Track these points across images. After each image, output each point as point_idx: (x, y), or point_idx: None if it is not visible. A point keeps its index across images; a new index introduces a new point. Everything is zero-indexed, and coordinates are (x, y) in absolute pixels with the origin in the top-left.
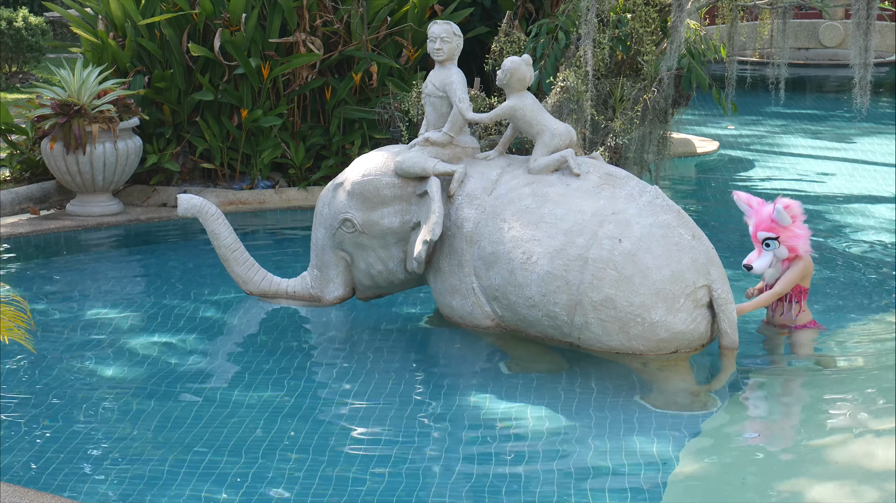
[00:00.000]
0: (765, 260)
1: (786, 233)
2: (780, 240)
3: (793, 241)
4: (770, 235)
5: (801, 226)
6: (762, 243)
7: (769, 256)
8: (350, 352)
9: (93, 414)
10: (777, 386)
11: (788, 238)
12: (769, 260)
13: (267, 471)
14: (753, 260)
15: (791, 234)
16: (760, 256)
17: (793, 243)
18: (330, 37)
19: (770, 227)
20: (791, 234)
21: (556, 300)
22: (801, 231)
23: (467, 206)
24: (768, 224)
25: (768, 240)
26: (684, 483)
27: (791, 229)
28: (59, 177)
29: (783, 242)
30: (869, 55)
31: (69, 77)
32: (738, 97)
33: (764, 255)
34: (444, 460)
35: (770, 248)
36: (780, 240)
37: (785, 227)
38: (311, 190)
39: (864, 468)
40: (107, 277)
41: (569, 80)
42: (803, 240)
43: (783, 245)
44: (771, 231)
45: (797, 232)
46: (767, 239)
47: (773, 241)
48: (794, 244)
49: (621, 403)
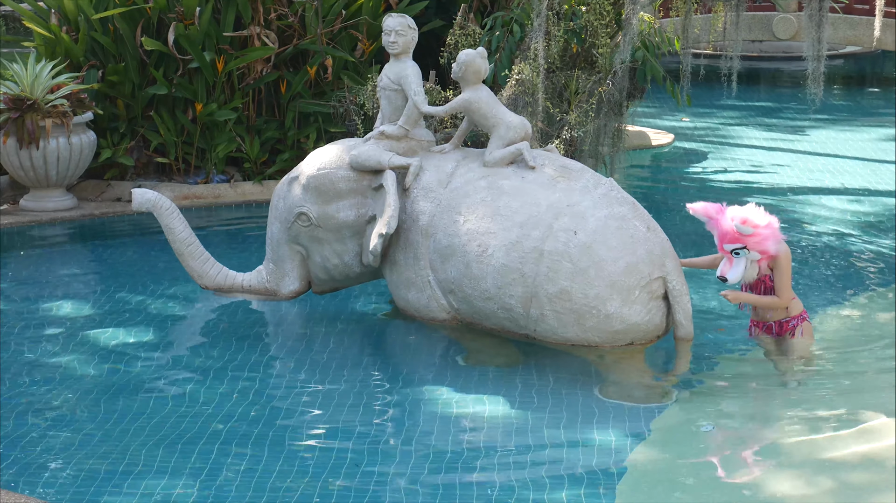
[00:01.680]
0: (738, 269)
1: (751, 239)
2: (748, 246)
3: (761, 244)
4: (737, 246)
5: (764, 225)
6: (731, 253)
7: (742, 263)
8: (307, 345)
9: (47, 409)
10: (733, 376)
11: (756, 244)
12: (742, 267)
13: (224, 464)
14: (727, 271)
15: (757, 239)
16: (733, 266)
17: (762, 247)
18: (285, 30)
19: (734, 238)
20: (757, 239)
21: (511, 293)
22: (766, 231)
23: (423, 199)
24: (732, 236)
25: (736, 250)
26: (640, 474)
27: (756, 233)
28: (13, 172)
29: (752, 248)
30: (822, 47)
31: (22, 72)
32: (693, 90)
33: (736, 264)
34: (400, 453)
35: (741, 256)
36: (748, 246)
37: (750, 235)
38: (266, 184)
39: (819, 458)
40: (61, 273)
41: (524, 73)
42: (771, 239)
43: (752, 250)
44: (736, 242)
45: (762, 233)
46: (735, 249)
47: (742, 250)
48: (763, 247)
49: (577, 395)
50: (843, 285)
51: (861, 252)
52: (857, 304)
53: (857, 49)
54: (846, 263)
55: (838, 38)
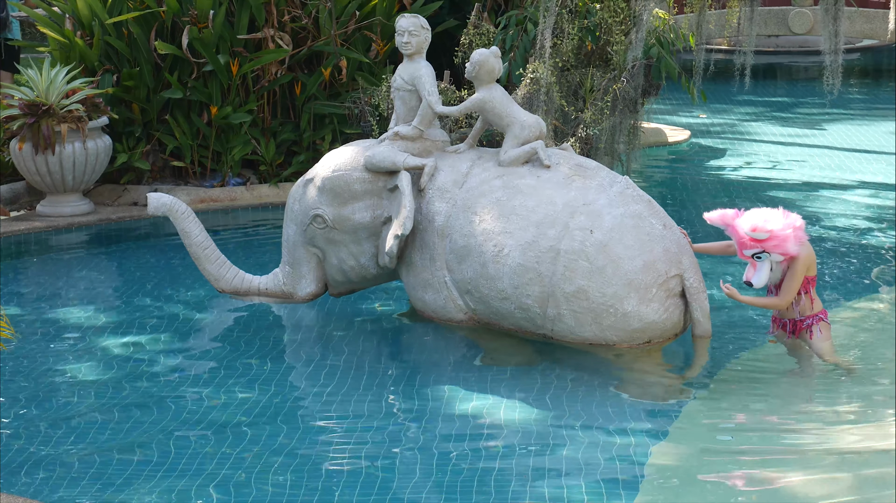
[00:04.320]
0: (763, 272)
1: (769, 243)
2: (767, 250)
3: (781, 246)
4: (757, 250)
5: (783, 226)
6: (752, 258)
7: (765, 267)
8: (323, 348)
9: (66, 415)
10: (751, 373)
11: (775, 247)
12: (767, 270)
13: (243, 468)
14: (751, 276)
15: (775, 242)
16: (757, 270)
17: (782, 248)
18: (298, 32)
19: (752, 244)
20: (775, 242)
21: (528, 292)
22: (784, 232)
23: (438, 199)
24: (748, 243)
25: (757, 254)
26: (660, 473)
27: (773, 236)
28: (29, 177)
29: (771, 251)
30: (839, 40)
31: (37, 77)
32: (709, 86)
33: (760, 268)
34: (419, 455)
35: (763, 259)
36: (767, 250)
37: (765, 239)
38: (282, 186)
39: (839, 454)
40: (78, 278)
41: (538, 72)
42: (791, 240)
43: (772, 253)
44: (755, 247)
45: (781, 235)
46: (756, 253)
47: (763, 254)
48: (783, 249)
49: (595, 395)
50: (862, 280)
51: (881, 247)
52: (877, 300)
53: (873, 42)
54: (865, 258)
55: (855, 32)
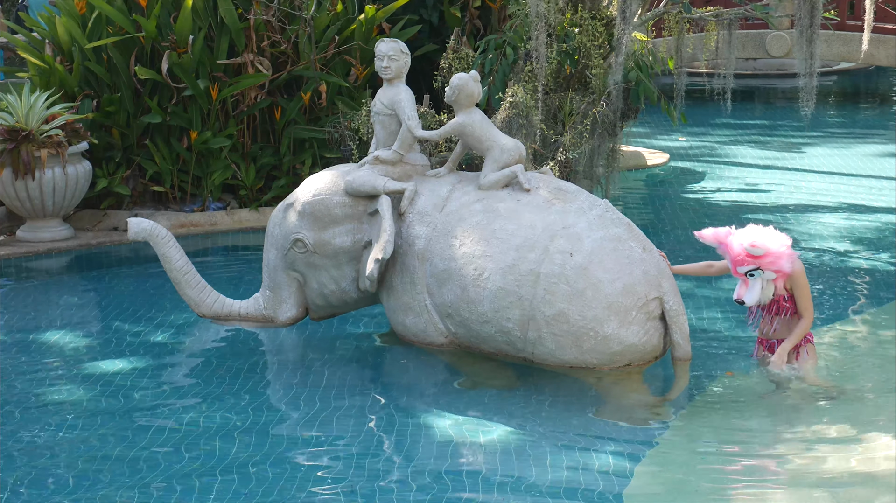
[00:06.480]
0: (754, 290)
1: (764, 259)
2: (762, 267)
3: (775, 264)
4: (750, 268)
5: (775, 245)
6: (745, 275)
7: (758, 285)
8: (304, 372)
9: (47, 440)
10: (732, 395)
11: (769, 264)
12: (759, 288)
13: (224, 493)
14: (743, 293)
15: (770, 259)
16: (749, 288)
17: (776, 266)
18: (278, 57)
19: (749, 260)
20: (770, 259)
21: (508, 316)
22: (779, 250)
23: (418, 223)
24: (744, 259)
25: (750, 271)
26: (641, 495)
27: (769, 253)
28: (9, 203)
29: (766, 268)
30: (814, 63)
31: (17, 102)
32: (688, 109)
33: (752, 286)
34: (398, 479)
35: (756, 277)
36: (762, 267)
37: (761, 256)
38: (262, 210)
39: (819, 476)
40: (58, 303)
41: (518, 96)
42: (784, 257)
43: (767, 270)
44: (751, 264)
45: (776, 252)
46: (749, 271)
47: (756, 271)
48: (777, 266)
49: (576, 417)
50: (842, 303)
51: (860, 269)
52: (857, 322)
53: (850, 65)
54: (844, 281)
55: (832, 55)
